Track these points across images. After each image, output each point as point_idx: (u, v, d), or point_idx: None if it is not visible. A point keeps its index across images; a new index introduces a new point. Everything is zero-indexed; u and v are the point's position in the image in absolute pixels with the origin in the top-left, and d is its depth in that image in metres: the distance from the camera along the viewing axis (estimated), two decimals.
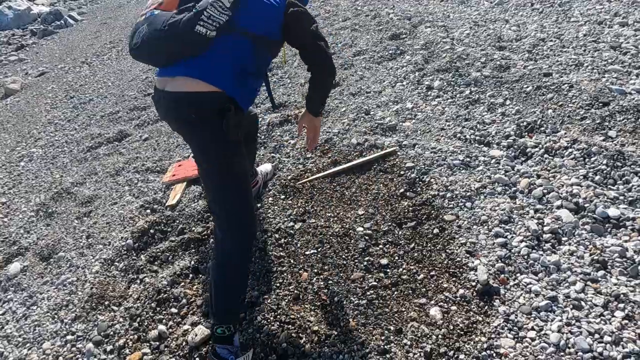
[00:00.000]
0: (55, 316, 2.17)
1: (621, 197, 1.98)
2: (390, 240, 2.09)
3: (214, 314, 1.66)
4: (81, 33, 8.48)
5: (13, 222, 3.06)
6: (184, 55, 1.59)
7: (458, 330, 1.63)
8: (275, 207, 2.43)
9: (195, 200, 2.67)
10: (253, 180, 2.48)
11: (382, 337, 1.67)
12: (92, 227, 2.77)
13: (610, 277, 1.69)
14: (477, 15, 4.16)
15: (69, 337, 2.02)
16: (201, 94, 1.59)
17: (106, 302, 2.16)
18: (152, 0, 1.68)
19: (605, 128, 2.36)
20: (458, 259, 1.90)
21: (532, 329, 1.58)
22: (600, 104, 2.51)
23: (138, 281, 2.23)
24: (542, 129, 2.48)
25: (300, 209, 2.38)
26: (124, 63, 6.08)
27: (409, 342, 1.63)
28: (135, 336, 1.92)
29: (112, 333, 1.98)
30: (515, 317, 1.63)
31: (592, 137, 2.33)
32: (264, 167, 2.67)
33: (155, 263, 2.36)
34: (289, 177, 2.62)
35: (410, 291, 1.84)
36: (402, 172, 2.44)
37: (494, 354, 1.54)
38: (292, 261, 2.08)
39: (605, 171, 2.11)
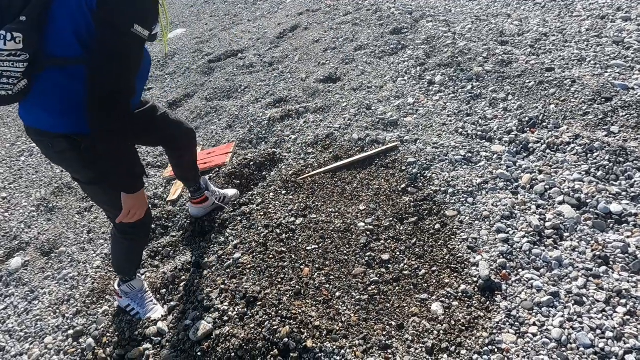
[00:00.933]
0: (57, 311, 2.18)
1: (623, 193, 1.98)
2: (391, 235, 2.09)
3: (115, 270, 2.03)
4: None
5: (14, 217, 3.06)
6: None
7: (460, 326, 1.63)
8: (277, 202, 2.43)
9: None
10: (199, 195, 2.34)
11: (384, 333, 1.67)
12: (93, 222, 2.77)
13: (612, 273, 1.69)
14: (479, 9, 4.14)
15: (71, 331, 2.03)
16: (40, 132, 1.48)
17: (107, 297, 2.16)
18: None
19: (608, 123, 2.35)
20: (460, 254, 1.90)
21: (534, 324, 1.58)
22: (603, 100, 2.50)
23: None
24: (544, 124, 2.47)
25: (302, 204, 2.37)
26: None
27: (410, 338, 1.63)
28: (137, 332, 1.92)
29: (114, 328, 1.98)
30: (517, 313, 1.63)
31: (594, 132, 2.32)
32: (228, 191, 2.54)
33: (157, 258, 2.36)
34: (290, 173, 2.61)
35: (411, 286, 1.84)
36: (403, 168, 2.43)
37: (496, 350, 1.54)
38: (293, 256, 2.08)
39: (607, 167, 2.11)
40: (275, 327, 1.70)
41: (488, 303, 1.69)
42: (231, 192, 2.56)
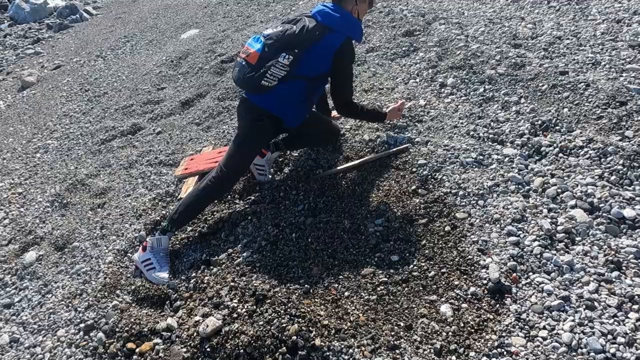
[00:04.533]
0: (69, 304, 2.21)
1: (637, 198, 1.95)
2: (401, 236, 2.09)
3: (170, 216, 2.32)
4: (96, 27, 8.57)
5: (29, 212, 3.12)
6: (257, 92, 2.31)
7: (469, 328, 1.63)
8: (287, 201, 2.44)
9: None
10: (268, 149, 2.70)
11: (392, 333, 1.67)
12: (105, 218, 2.81)
13: (625, 278, 1.67)
14: (492, 12, 4.11)
15: (82, 325, 2.06)
16: (259, 109, 2.34)
17: (118, 292, 2.19)
18: (244, 50, 2.27)
19: (622, 128, 2.32)
20: (469, 256, 1.89)
21: (544, 328, 1.57)
22: (618, 104, 2.47)
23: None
24: (557, 127, 2.45)
25: (312, 204, 2.39)
26: (138, 57, 6.14)
27: (419, 339, 1.63)
28: (146, 328, 1.94)
29: (124, 322, 2.00)
30: (527, 316, 1.62)
31: (608, 136, 2.30)
32: (269, 176, 2.73)
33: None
34: (301, 173, 2.62)
35: (420, 288, 1.84)
36: (414, 169, 2.43)
37: (505, 352, 1.53)
38: (302, 256, 2.09)
39: (621, 171, 2.08)
40: (284, 325, 1.71)
41: (497, 306, 1.69)
42: (269, 177, 2.72)
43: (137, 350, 1.86)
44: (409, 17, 4.39)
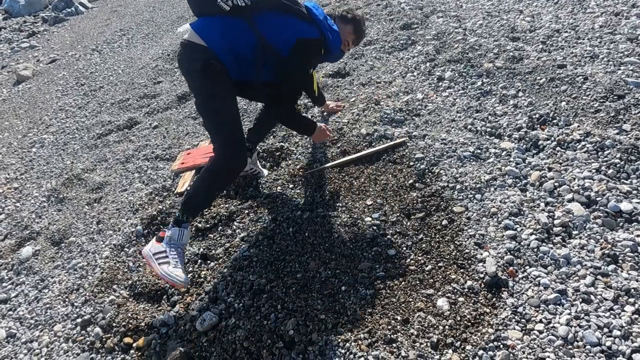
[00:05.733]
0: (66, 299, 2.21)
1: (634, 192, 1.95)
2: (398, 230, 2.08)
3: (182, 202, 2.03)
4: (92, 20, 8.49)
5: (25, 206, 3.10)
6: (203, 12, 2.05)
7: (465, 322, 1.63)
8: (284, 196, 2.43)
9: None
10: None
11: (389, 327, 1.67)
12: (102, 213, 2.80)
13: (621, 271, 1.67)
14: (490, 5, 4.09)
15: (79, 320, 2.06)
16: (196, 45, 2.01)
17: (115, 287, 2.19)
18: None
19: (620, 121, 2.32)
20: (466, 250, 1.89)
21: (540, 321, 1.57)
22: (615, 97, 2.46)
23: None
24: (555, 121, 2.45)
25: (309, 198, 2.38)
26: (134, 51, 6.09)
27: (415, 332, 1.63)
28: (143, 323, 1.94)
29: (121, 317, 2.00)
30: (523, 310, 1.62)
31: (605, 130, 2.29)
32: (264, 170, 2.70)
33: None
34: (298, 167, 2.62)
35: (417, 282, 1.84)
36: (411, 163, 2.42)
37: (501, 346, 1.53)
38: (299, 250, 2.09)
39: (618, 165, 2.08)
40: (281, 320, 1.71)
41: (494, 299, 1.69)
42: (265, 172, 2.69)
43: (134, 345, 1.86)
44: (407, 10, 4.37)
